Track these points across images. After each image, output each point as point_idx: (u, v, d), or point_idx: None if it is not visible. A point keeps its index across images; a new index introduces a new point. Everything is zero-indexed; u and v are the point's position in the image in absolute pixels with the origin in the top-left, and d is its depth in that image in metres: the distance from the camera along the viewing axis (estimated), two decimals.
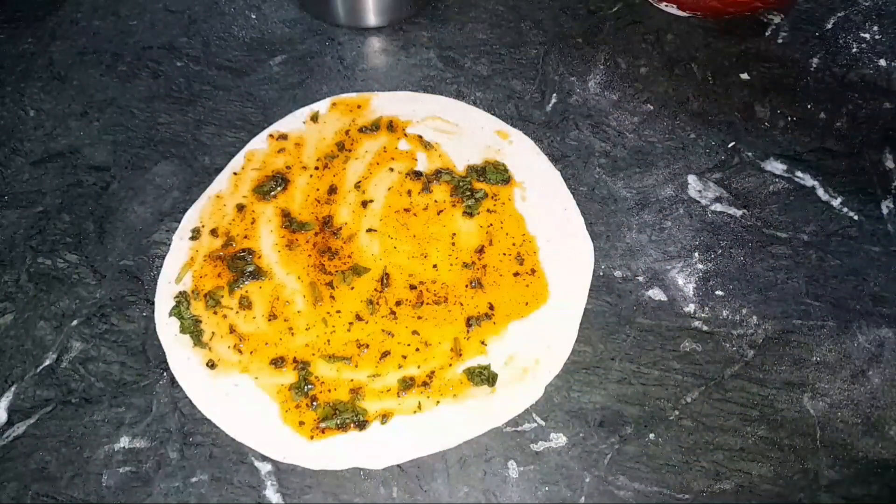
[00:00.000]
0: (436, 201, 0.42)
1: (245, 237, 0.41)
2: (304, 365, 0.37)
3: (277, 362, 0.37)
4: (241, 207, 0.42)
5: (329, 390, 0.36)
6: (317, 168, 0.44)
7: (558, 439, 0.35)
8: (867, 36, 0.50)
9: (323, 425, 0.35)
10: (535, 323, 0.38)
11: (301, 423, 0.35)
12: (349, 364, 0.37)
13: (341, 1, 0.49)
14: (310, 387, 0.36)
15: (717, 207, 0.43)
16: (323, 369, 0.37)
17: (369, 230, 0.41)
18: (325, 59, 0.49)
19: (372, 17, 0.49)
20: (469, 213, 0.42)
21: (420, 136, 0.45)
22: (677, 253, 0.41)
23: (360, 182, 0.43)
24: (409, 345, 0.37)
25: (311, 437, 0.35)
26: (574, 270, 0.40)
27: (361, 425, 0.35)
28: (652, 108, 0.47)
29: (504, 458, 0.35)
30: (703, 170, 0.44)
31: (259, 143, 0.45)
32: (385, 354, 0.37)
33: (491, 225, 0.41)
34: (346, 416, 0.35)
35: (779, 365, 0.37)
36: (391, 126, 0.45)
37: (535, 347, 0.37)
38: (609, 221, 0.42)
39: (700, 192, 0.43)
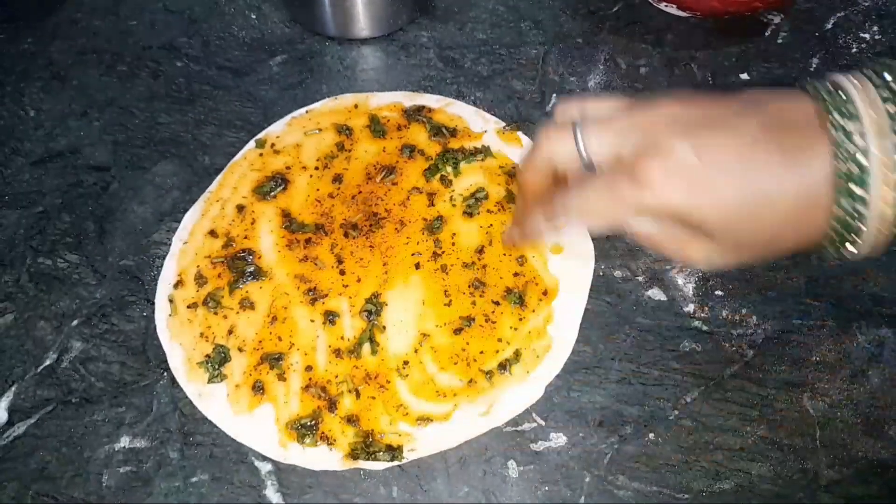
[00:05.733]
0: (433, 200, 0.42)
1: (245, 237, 0.41)
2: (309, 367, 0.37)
3: (277, 363, 0.37)
4: (240, 208, 0.42)
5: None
6: (317, 168, 0.44)
7: (558, 439, 0.35)
8: (867, 36, 0.50)
9: None
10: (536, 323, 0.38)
11: None
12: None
13: (331, 14, 0.49)
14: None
15: None
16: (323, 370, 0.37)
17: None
18: (324, 60, 0.50)
19: (363, 30, 0.49)
20: (469, 214, 0.42)
21: None
22: None
23: (359, 183, 0.43)
24: None
25: None
26: (574, 270, 0.40)
27: None
28: None
29: (504, 458, 0.35)
30: None
31: (257, 144, 0.45)
32: None
33: (491, 225, 0.41)
34: None
35: (778, 365, 0.37)
36: None
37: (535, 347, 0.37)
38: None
39: None
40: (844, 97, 0.28)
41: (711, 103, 0.29)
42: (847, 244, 0.29)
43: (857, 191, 0.27)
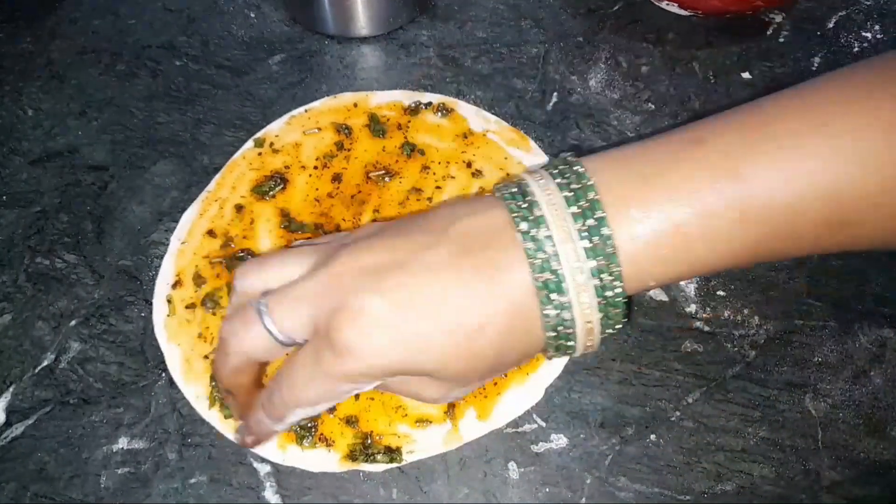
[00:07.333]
0: (430, 200, 0.42)
1: (244, 237, 0.41)
2: None
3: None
4: (239, 208, 0.42)
5: None
6: (316, 168, 0.43)
7: (559, 440, 0.35)
8: (868, 35, 0.50)
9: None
10: None
11: None
12: None
13: (331, 13, 0.48)
14: None
15: None
16: None
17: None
18: (324, 59, 0.49)
19: (363, 28, 0.49)
20: None
21: None
22: None
23: (359, 182, 0.43)
24: None
25: None
26: None
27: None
28: (653, 107, 0.47)
29: (504, 460, 0.35)
30: None
31: (256, 143, 0.45)
32: None
33: None
34: None
35: (780, 365, 0.37)
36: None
37: None
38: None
39: None
40: (529, 203, 0.27)
41: (399, 241, 0.28)
42: (566, 347, 0.28)
43: (559, 298, 0.26)
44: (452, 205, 0.29)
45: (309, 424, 0.35)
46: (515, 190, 0.28)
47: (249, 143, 0.45)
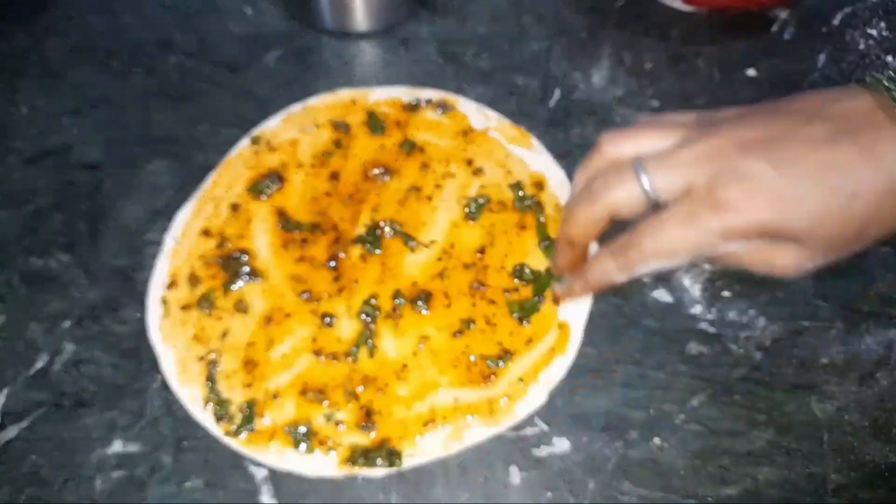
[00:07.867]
0: (429, 198, 0.42)
1: (240, 237, 0.40)
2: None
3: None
4: (235, 207, 0.41)
5: None
6: (313, 166, 0.43)
7: (562, 444, 0.35)
8: (874, 32, 0.50)
9: None
10: None
11: None
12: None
13: (329, 9, 0.48)
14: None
15: None
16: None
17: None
18: (322, 55, 0.49)
19: (361, 24, 0.48)
20: (471, 218, 0.41)
21: None
22: None
23: (357, 181, 0.42)
24: None
25: None
26: None
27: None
28: (657, 104, 0.46)
29: (505, 464, 0.34)
30: None
31: (252, 141, 0.44)
32: None
33: (493, 225, 0.41)
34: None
35: (786, 367, 0.37)
36: None
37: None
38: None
39: None
40: None
41: (774, 119, 0.30)
42: None
43: None
44: (814, 93, 0.31)
45: (307, 429, 0.34)
46: (892, 73, 0.29)
47: (245, 141, 0.44)
